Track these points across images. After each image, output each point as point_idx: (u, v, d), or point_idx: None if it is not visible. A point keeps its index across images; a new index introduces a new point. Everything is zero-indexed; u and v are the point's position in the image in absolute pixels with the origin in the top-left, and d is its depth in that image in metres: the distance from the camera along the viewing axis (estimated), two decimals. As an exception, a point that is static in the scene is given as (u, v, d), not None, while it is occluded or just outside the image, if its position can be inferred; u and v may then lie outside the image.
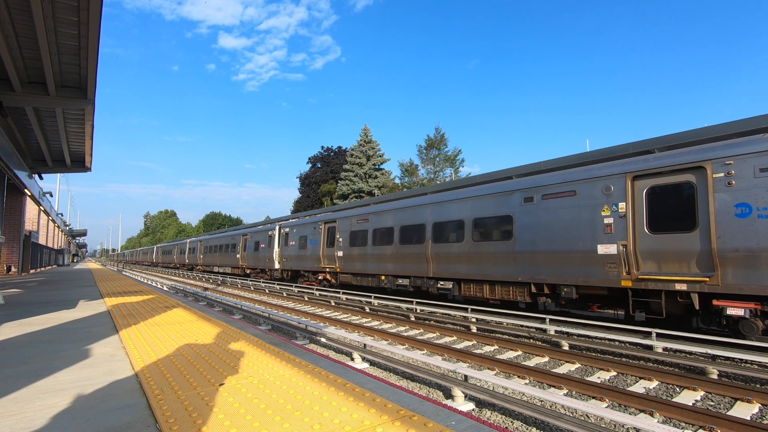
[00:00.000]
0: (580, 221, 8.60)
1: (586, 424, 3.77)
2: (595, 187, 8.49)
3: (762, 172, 6.46)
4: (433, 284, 12.13)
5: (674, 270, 7.33)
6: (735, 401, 4.89)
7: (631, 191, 7.97)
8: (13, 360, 4.07)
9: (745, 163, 6.65)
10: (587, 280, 8.46)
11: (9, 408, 2.79)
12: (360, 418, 2.56)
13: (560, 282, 8.94)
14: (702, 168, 7.14)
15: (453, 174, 40.88)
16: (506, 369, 6.15)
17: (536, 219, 9.43)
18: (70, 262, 64.78)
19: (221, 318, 6.91)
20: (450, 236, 11.56)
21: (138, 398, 2.96)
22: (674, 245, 7.35)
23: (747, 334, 6.85)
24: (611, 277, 8.06)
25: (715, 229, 6.83)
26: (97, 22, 8.04)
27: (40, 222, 34.49)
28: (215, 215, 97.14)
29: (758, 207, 6.45)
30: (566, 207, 8.89)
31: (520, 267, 9.68)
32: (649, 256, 7.67)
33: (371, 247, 14.62)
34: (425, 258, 12.24)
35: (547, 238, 9.16)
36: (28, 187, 19.05)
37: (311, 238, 18.46)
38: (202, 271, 36.81)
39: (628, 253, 7.79)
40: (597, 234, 8.31)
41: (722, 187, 6.86)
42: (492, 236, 10.43)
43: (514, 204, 9.95)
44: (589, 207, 8.50)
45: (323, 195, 51.17)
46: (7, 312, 7.61)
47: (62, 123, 13.57)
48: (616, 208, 8.11)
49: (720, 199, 6.86)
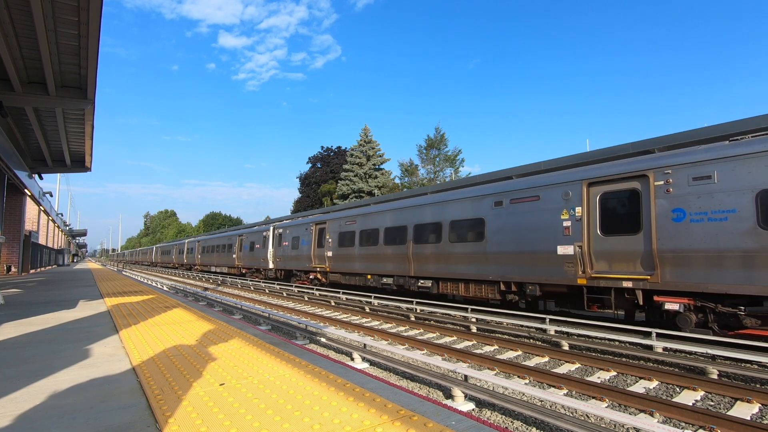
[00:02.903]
0: (543, 224, 9.19)
1: (586, 424, 3.77)
2: (556, 192, 9.10)
3: (694, 180, 7.12)
4: (414, 283, 12.76)
5: (622, 269, 7.95)
6: (735, 401, 4.89)
7: (587, 197, 8.58)
8: (13, 360, 4.07)
9: (681, 173, 7.31)
10: (549, 279, 9.05)
11: (9, 408, 2.79)
12: (360, 418, 2.56)
13: (526, 280, 9.55)
14: (646, 176, 7.76)
15: (453, 174, 40.89)
16: (506, 369, 6.15)
17: (505, 222, 10.05)
18: (70, 262, 64.79)
19: (221, 318, 6.91)
20: (429, 237, 12.16)
21: (138, 398, 2.96)
22: (622, 246, 7.98)
23: (682, 326, 7.40)
24: (569, 276, 8.64)
25: (656, 231, 7.45)
26: (97, 22, 8.04)
27: (40, 222, 34.50)
28: (215, 215, 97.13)
29: (691, 212, 7.11)
30: (531, 211, 9.51)
31: (491, 267, 10.31)
32: (601, 257, 8.29)
33: (358, 247, 15.24)
34: (407, 258, 12.89)
35: (514, 239, 9.77)
36: (28, 187, 19.05)
37: (303, 239, 19.06)
38: (199, 270, 37.24)
39: (583, 254, 8.41)
40: (557, 236, 8.89)
41: (662, 193, 7.48)
42: (466, 238, 11.03)
43: (486, 207, 10.58)
44: (551, 211, 9.09)
45: (323, 195, 51.17)
46: (7, 312, 7.61)
47: (62, 123, 13.57)
48: (573, 212, 8.71)
49: (660, 204, 7.48)
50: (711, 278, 6.84)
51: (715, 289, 6.82)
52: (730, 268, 6.64)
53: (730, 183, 6.74)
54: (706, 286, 6.89)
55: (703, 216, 6.96)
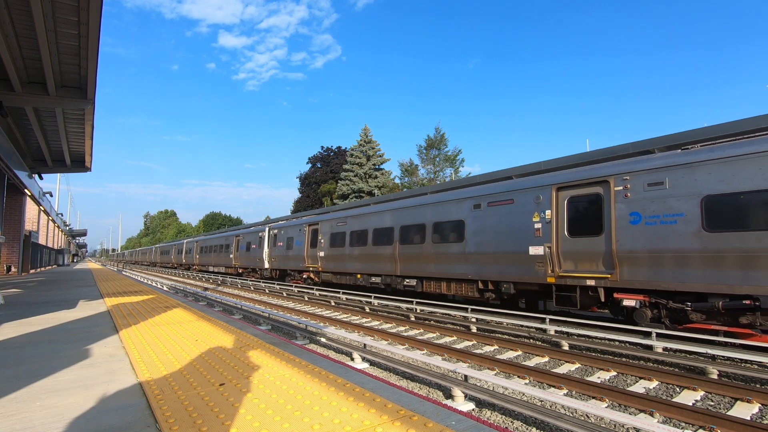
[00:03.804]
0: (517, 226, 9.70)
1: (586, 424, 3.77)
2: (528, 196, 9.61)
3: (649, 186, 7.64)
4: (400, 282, 13.32)
5: (586, 268, 8.47)
6: (735, 401, 4.89)
7: (556, 200, 9.09)
8: (13, 360, 4.07)
9: (637, 179, 7.82)
10: (522, 277, 9.55)
11: (9, 408, 2.79)
12: (360, 418, 2.56)
13: (502, 279, 10.06)
14: (607, 182, 8.28)
15: (453, 174, 40.90)
16: (506, 369, 6.15)
17: (483, 223, 10.56)
18: (70, 262, 64.78)
19: (221, 318, 6.91)
20: (414, 238, 12.69)
21: (138, 398, 2.96)
22: (587, 247, 8.48)
23: (639, 321, 7.97)
24: (540, 275, 9.13)
25: (615, 233, 7.95)
26: (97, 22, 8.04)
27: (40, 222, 34.49)
28: (215, 215, 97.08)
29: (646, 215, 7.61)
30: (506, 213, 10.03)
31: (471, 266, 10.79)
32: (568, 257, 8.79)
33: (349, 248, 15.78)
34: (393, 258, 13.39)
35: (491, 240, 10.29)
36: (28, 187, 19.05)
37: (297, 240, 19.63)
38: (198, 270, 37.57)
39: (552, 254, 8.91)
40: (529, 237, 9.38)
41: (621, 198, 8.00)
42: (448, 238, 11.51)
43: (466, 210, 11.07)
44: (524, 213, 9.60)
45: (323, 195, 51.16)
46: (7, 312, 7.61)
47: (62, 123, 13.57)
48: (543, 215, 9.22)
49: (619, 208, 8.00)
50: (663, 277, 7.36)
51: (666, 287, 7.34)
52: (679, 268, 7.17)
53: (680, 189, 7.25)
54: (659, 284, 7.41)
55: (656, 219, 7.47)
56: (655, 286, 7.46)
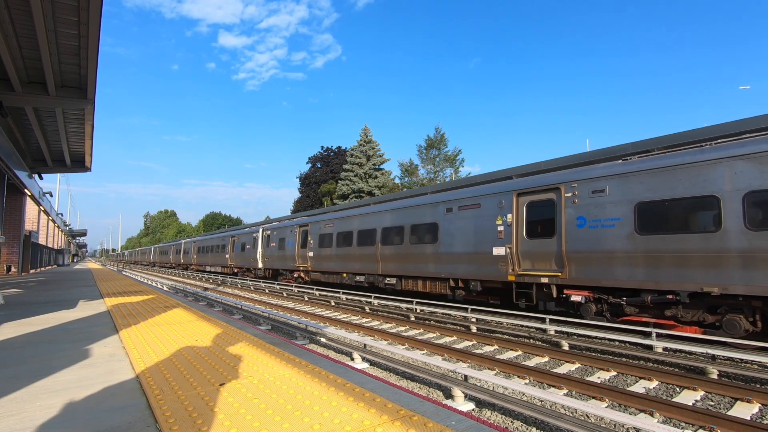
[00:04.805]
0: (483, 228, 10.44)
1: (586, 424, 3.77)
2: (493, 201, 10.36)
3: (593, 193, 8.36)
4: (381, 280, 14.13)
5: (541, 267, 9.17)
6: (735, 401, 4.89)
7: (516, 205, 9.81)
8: (13, 360, 4.07)
9: (583, 186, 8.54)
10: (487, 276, 10.31)
11: (9, 408, 2.79)
12: (360, 418, 2.56)
13: (470, 277, 10.84)
14: (559, 189, 8.98)
15: (453, 174, 40.91)
16: (506, 369, 6.15)
17: (454, 226, 11.30)
18: (70, 262, 64.77)
19: (221, 318, 6.91)
20: (394, 240, 13.51)
21: (138, 398, 2.96)
22: (542, 248, 9.18)
23: (584, 315, 8.67)
24: (502, 273, 9.87)
25: (565, 235, 8.65)
26: (97, 21, 8.04)
27: (40, 222, 34.50)
28: (215, 215, 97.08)
29: (590, 219, 8.33)
30: (474, 217, 10.76)
31: (443, 266, 11.56)
32: (526, 257, 9.50)
33: (335, 248, 16.59)
34: (376, 258, 14.17)
35: (461, 241, 11.04)
36: (28, 187, 19.05)
37: (288, 240, 20.50)
38: (195, 270, 38.10)
39: (513, 254, 9.63)
40: (493, 239, 10.12)
41: (570, 203, 8.70)
42: (424, 240, 12.31)
43: (440, 213, 11.84)
44: (489, 217, 10.34)
45: (323, 195, 51.17)
46: (7, 312, 7.61)
47: (62, 123, 13.58)
48: (505, 219, 9.93)
49: (568, 212, 8.70)
50: (604, 274, 8.12)
51: (606, 284, 8.11)
52: (617, 267, 7.92)
53: (618, 196, 8.00)
54: (600, 281, 8.18)
55: (598, 223, 8.21)
56: (596, 283, 8.23)
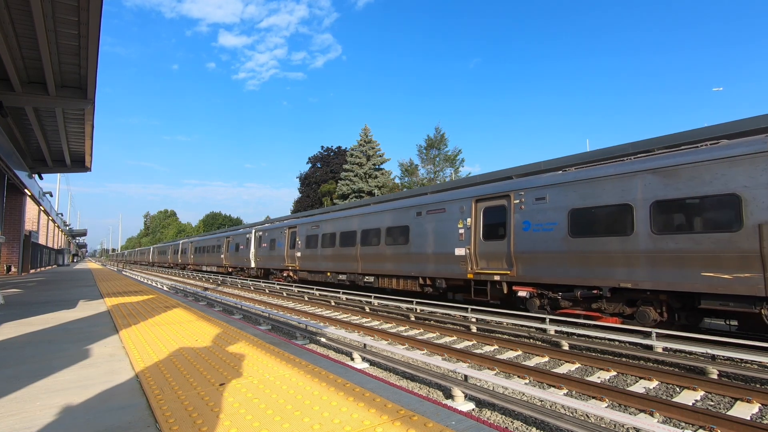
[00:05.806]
0: (447, 231, 11.36)
1: (586, 424, 3.76)
2: (455, 206, 11.29)
3: (536, 200, 9.29)
4: (361, 279, 15.11)
5: (495, 266, 10.09)
6: (735, 401, 4.89)
7: (474, 210, 10.73)
8: (13, 360, 4.07)
9: (529, 194, 9.48)
10: (451, 274, 11.27)
11: (9, 408, 2.79)
12: (360, 418, 2.56)
13: (436, 276, 11.80)
14: (509, 196, 9.94)
15: (453, 174, 40.90)
16: (506, 369, 6.15)
17: (423, 228, 12.26)
18: (70, 262, 64.76)
19: (221, 318, 6.91)
20: (372, 241, 14.45)
21: (138, 398, 2.96)
22: (495, 249, 10.10)
23: (530, 309, 9.52)
24: (463, 272, 10.80)
25: (513, 238, 9.56)
26: (97, 21, 8.04)
27: (40, 222, 34.49)
28: (215, 215, 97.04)
29: (534, 223, 9.26)
30: (440, 220, 11.70)
31: (414, 265, 12.53)
32: (482, 257, 10.42)
33: (321, 249, 17.57)
34: (356, 258, 15.12)
35: (429, 243, 11.97)
36: (28, 187, 19.05)
37: (279, 241, 21.51)
38: (192, 269, 38.61)
39: (471, 255, 10.55)
40: (455, 240, 11.03)
41: (518, 209, 9.61)
42: (398, 241, 13.29)
43: (411, 217, 12.84)
44: (452, 220, 11.26)
45: (323, 195, 51.15)
46: (7, 312, 7.61)
47: (62, 123, 13.57)
48: (466, 222, 10.84)
49: (516, 217, 9.62)
50: (544, 272, 9.00)
51: (547, 281, 9.00)
52: (555, 266, 8.81)
53: (555, 203, 8.91)
54: (541, 278, 9.08)
55: (540, 226, 9.09)
56: (538, 280, 9.14)
